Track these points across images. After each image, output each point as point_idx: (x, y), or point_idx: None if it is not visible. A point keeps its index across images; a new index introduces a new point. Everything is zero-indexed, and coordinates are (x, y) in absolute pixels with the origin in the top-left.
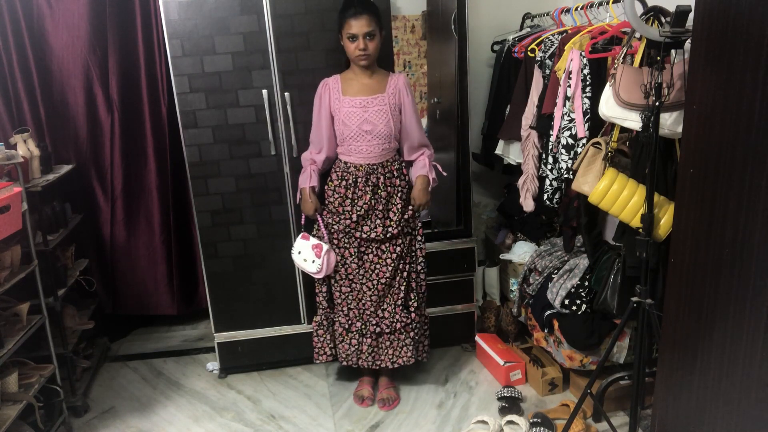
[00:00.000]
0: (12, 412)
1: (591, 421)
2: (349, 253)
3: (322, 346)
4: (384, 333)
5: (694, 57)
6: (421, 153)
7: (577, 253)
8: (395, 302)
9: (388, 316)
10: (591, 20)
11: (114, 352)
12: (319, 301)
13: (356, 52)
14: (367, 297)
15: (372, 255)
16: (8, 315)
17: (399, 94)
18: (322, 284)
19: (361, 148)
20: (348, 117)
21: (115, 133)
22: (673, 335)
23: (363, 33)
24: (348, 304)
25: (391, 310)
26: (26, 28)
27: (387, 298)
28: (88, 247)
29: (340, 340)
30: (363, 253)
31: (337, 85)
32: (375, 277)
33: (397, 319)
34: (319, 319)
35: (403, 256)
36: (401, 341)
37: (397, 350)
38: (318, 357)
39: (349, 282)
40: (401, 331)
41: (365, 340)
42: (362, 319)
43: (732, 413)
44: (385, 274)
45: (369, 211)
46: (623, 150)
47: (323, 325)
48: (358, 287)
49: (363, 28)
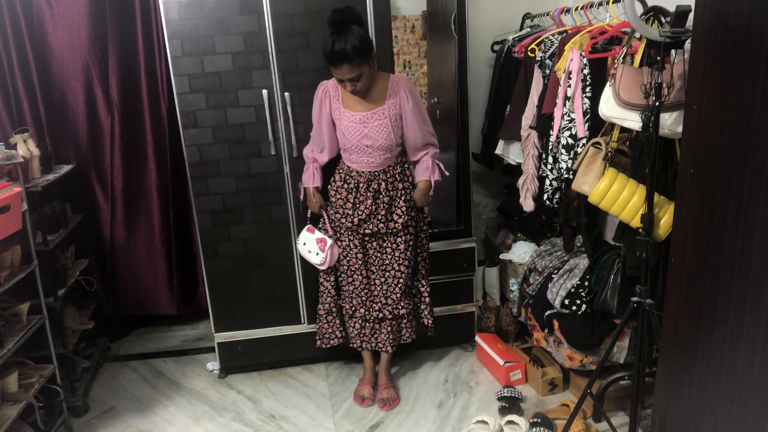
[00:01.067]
0: (12, 412)
1: (591, 421)
2: (353, 246)
3: (332, 330)
4: (386, 318)
5: (694, 57)
6: (425, 152)
7: (577, 253)
8: (400, 291)
9: (391, 303)
10: (591, 20)
11: (114, 352)
12: (325, 288)
13: (345, 90)
14: (372, 282)
15: (376, 245)
16: (8, 315)
17: (399, 102)
18: (330, 273)
19: (362, 159)
20: (348, 131)
21: (115, 133)
22: (673, 335)
23: (347, 78)
24: (350, 293)
25: (395, 299)
26: (26, 28)
27: (391, 287)
28: (88, 247)
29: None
30: (367, 243)
31: (337, 94)
32: (378, 266)
33: (401, 306)
34: (327, 307)
35: (408, 247)
36: (403, 325)
37: (397, 333)
38: (328, 341)
39: (352, 272)
40: (404, 316)
41: (367, 324)
42: (365, 305)
43: (732, 413)
44: (387, 263)
45: (371, 216)
46: (623, 150)
47: (332, 312)
48: (360, 278)
49: (346, 74)
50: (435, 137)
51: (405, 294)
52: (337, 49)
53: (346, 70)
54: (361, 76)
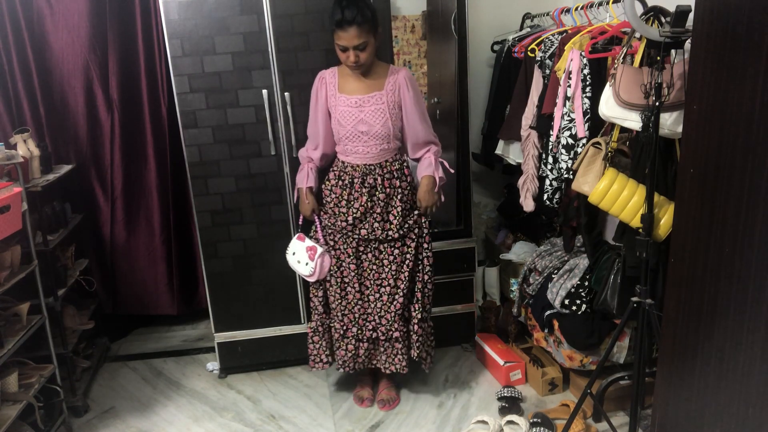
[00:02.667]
0: (12, 412)
1: (591, 421)
2: (347, 255)
3: (318, 353)
4: (379, 339)
5: (694, 57)
6: (427, 150)
7: (577, 253)
8: (395, 311)
9: (385, 324)
10: (591, 20)
11: (114, 352)
12: (314, 305)
13: (348, 63)
14: (364, 301)
15: (371, 256)
16: (8, 315)
17: (399, 90)
18: (318, 288)
19: (357, 149)
20: (343, 116)
21: (115, 133)
22: (673, 335)
23: (353, 45)
24: (342, 309)
25: (390, 318)
26: (26, 28)
27: (385, 305)
28: (88, 247)
29: (336, 346)
30: (362, 253)
31: (333, 80)
32: (373, 281)
33: (395, 328)
34: (314, 325)
35: (405, 261)
36: (396, 349)
37: (391, 357)
38: (314, 365)
39: (344, 285)
40: (397, 339)
41: (361, 344)
42: (357, 324)
43: (732, 413)
44: (383, 277)
45: (365, 214)
46: (623, 150)
47: (318, 332)
48: (353, 291)
49: (352, 40)
50: (436, 137)
51: (401, 315)
52: (348, 11)
53: (354, 35)
54: (366, 46)
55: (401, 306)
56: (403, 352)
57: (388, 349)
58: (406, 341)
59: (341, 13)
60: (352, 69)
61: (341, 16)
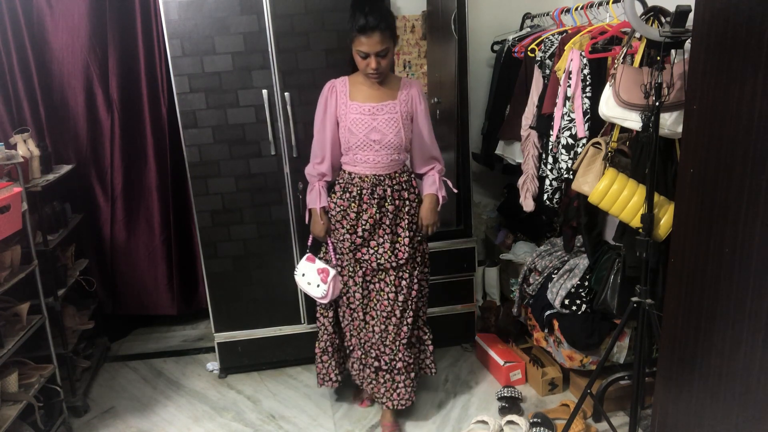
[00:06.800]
0: (12, 412)
1: (591, 421)
2: (354, 282)
3: (327, 372)
4: (381, 369)
5: (694, 57)
6: (431, 167)
7: (577, 253)
8: (400, 340)
9: (389, 353)
10: (591, 20)
11: (114, 352)
12: (323, 325)
13: (368, 70)
14: (370, 328)
15: (378, 284)
16: (8, 315)
17: (412, 101)
18: (328, 309)
19: (367, 158)
20: (355, 124)
21: (115, 133)
22: (673, 335)
23: (375, 51)
24: (350, 331)
25: (394, 348)
26: (26, 28)
27: (391, 335)
28: (88, 247)
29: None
30: (369, 282)
31: (344, 89)
32: (379, 309)
33: (399, 357)
34: (323, 346)
35: (411, 286)
36: (397, 383)
37: (390, 391)
38: (323, 383)
39: (351, 311)
40: (400, 371)
41: (365, 369)
42: (363, 348)
43: (732, 413)
44: (388, 310)
45: (375, 226)
46: (623, 150)
47: (328, 351)
48: (360, 317)
49: (375, 46)
50: (440, 155)
51: (405, 344)
52: (372, 17)
53: (377, 41)
54: (387, 53)
55: (405, 335)
56: (407, 384)
57: (388, 382)
58: (410, 373)
59: (365, 19)
60: (371, 76)
61: (365, 22)
